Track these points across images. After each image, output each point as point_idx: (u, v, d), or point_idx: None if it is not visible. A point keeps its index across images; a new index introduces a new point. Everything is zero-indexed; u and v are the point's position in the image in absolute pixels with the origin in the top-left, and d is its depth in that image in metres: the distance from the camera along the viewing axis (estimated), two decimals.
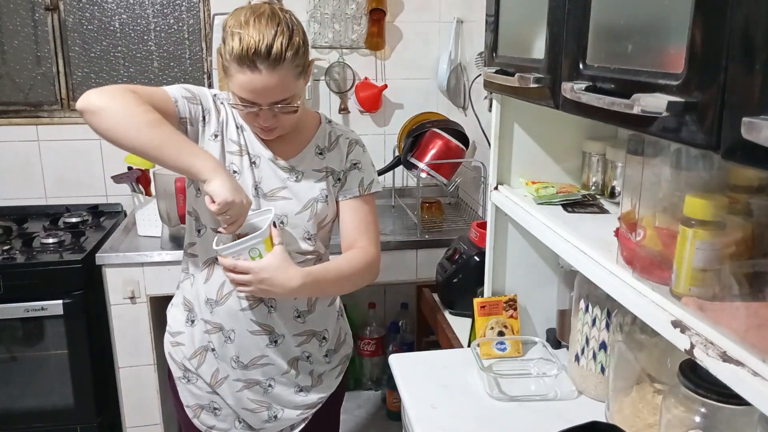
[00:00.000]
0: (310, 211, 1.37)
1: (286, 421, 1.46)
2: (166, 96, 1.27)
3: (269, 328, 1.38)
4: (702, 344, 0.73)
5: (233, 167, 1.33)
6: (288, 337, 1.40)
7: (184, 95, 1.29)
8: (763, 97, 0.56)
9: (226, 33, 1.21)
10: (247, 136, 1.35)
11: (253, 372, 1.40)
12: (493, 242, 1.50)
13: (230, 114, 1.35)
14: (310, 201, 1.37)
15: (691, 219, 0.77)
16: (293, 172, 1.37)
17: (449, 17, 2.72)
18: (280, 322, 1.38)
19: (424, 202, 2.51)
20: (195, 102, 1.30)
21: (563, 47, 0.98)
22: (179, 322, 1.47)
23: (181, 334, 1.46)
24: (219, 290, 1.36)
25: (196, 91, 1.32)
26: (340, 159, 1.41)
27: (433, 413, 1.28)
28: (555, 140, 1.44)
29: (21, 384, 2.22)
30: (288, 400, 1.44)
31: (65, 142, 2.64)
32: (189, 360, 1.44)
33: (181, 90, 1.30)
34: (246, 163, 1.34)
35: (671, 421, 0.96)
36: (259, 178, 1.35)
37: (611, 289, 0.95)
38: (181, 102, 1.28)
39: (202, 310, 1.40)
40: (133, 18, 2.62)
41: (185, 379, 1.46)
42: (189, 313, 1.44)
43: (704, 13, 0.63)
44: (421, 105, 2.83)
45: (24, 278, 2.12)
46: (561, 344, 1.53)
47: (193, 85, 1.34)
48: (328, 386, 1.50)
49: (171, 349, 1.49)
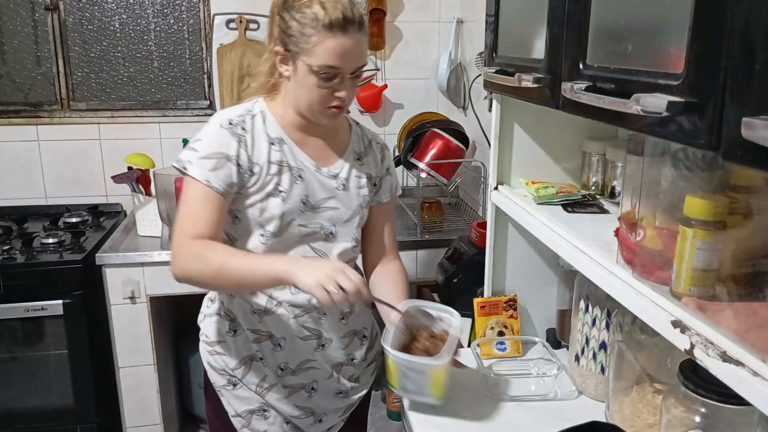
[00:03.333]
0: (359, 218, 1.37)
1: (329, 423, 1.45)
2: (202, 193, 1.21)
3: (318, 333, 1.36)
4: (702, 344, 0.73)
5: (279, 188, 1.27)
6: (335, 340, 1.38)
7: (210, 169, 1.21)
8: (763, 97, 0.56)
9: (298, 5, 1.18)
10: (287, 148, 1.29)
11: (299, 377, 1.38)
12: (493, 242, 1.50)
13: (260, 130, 1.28)
14: (357, 208, 1.36)
15: (691, 219, 0.77)
16: (338, 180, 1.34)
17: (449, 17, 2.72)
18: (328, 325, 1.37)
19: (424, 202, 2.51)
20: (221, 166, 1.22)
21: (563, 47, 0.98)
22: (219, 332, 1.39)
23: (222, 343, 1.39)
24: (269, 300, 1.33)
25: (215, 150, 1.23)
26: (376, 164, 1.41)
27: (433, 413, 1.28)
28: (555, 140, 1.44)
29: (21, 384, 2.21)
30: (328, 406, 1.43)
31: (65, 142, 2.64)
32: (233, 369, 1.38)
33: (204, 165, 1.22)
34: (290, 179, 1.28)
35: (671, 421, 0.96)
36: (306, 191, 1.30)
37: (611, 289, 0.95)
38: (215, 181, 1.21)
39: (248, 319, 1.35)
40: (133, 18, 2.62)
41: (231, 385, 1.40)
42: (231, 323, 1.38)
43: (704, 13, 0.63)
44: (421, 105, 2.83)
45: (24, 278, 2.12)
46: (561, 344, 1.53)
47: (206, 142, 1.24)
48: (365, 384, 1.50)
49: (210, 358, 1.42)
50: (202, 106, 2.72)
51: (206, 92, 2.72)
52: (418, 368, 1.17)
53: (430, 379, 1.16)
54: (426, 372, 1.16)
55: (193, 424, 2.67)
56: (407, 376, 1.17)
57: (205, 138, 1.25)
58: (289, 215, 1.28)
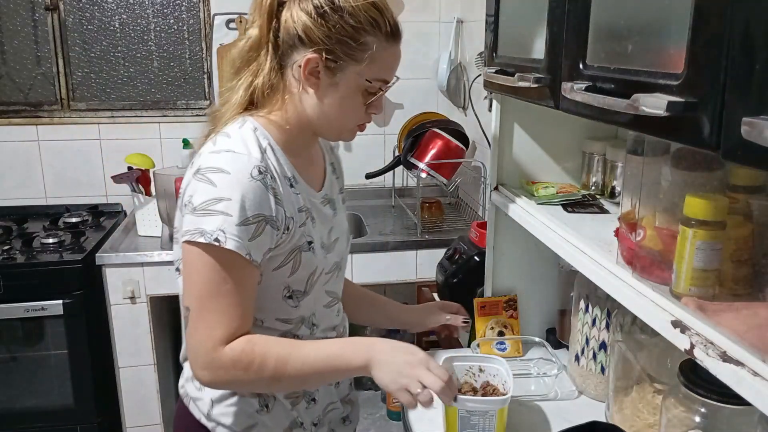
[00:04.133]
0: (349, 244, 1.22)
1: None
2: (240, 272, 0.96)
3: None
4: (702, 344, 0.73)
5: (308, 239, 1.06)
6: None
7: (251, 239, 0.95)
8: (763, 97, 0.55)
9: (346, 5, 0.97)
10: (300, 187, 1.07)
11: (324, 424, 1.21)
12: (493, 242, 1.50)
13: (277, 170, 1.02)
14: (347, 232, 1.20)
15: (691, 219, 0.77)
16: (331, 204, 1.15)
17: (449, 17, 2.72)
18: None
19: (424, 202, 2.51)
20: (261, 231, 0.96)
21: (563, 47, 0.98)
22: (247, 414, 1.10)
23: (254, 426, 1.11)
24: None
25: (254, 212, 0.95)
26: (341, 171, 1.28)
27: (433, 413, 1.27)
28: (555, 140, 1.44)
29: (21, 384, 2.21)
30: None
31: (65, 142, 2.64)
32: None
33: (243, 234, 0.94)
34: (310, 225, 1.07)
35: (671, 421, 0.96)
36: (320, 232, 1.10)
37: (611, 289, 0.95)
38: (256, 254, 0.97)
39: None
40: (133, 18, 2.62)
41: None
42: (260, 399, 1.11)
43: (704, 13, 0.63)
44: (421, 105, 2.83)
45: (24, 278, 2.12)
46: (561, 344, 1.53)
47: (240, 202, 0.94)
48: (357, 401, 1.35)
49: None
50: (202, 106, 2.72)
51: (206, 92, 2.72)
52: (484, 410, 1.11)
53: (496, 421, 1.12)
54: (492, 412, 1.12)
55: None
56: (470, 422, 1.12)
57: (236, 196, 0.94)
58: (320, 267, 1.08)
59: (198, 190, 0.96)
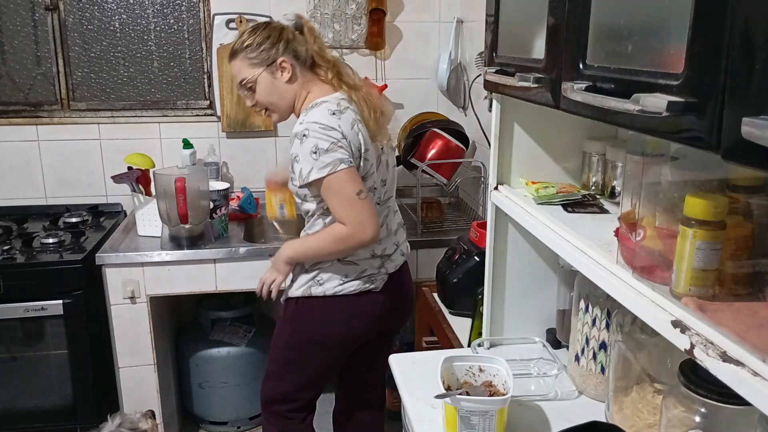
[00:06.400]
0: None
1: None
2: (353, 176, 1.57)
3: None
4: (702, 344, 0.73)
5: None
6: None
7: (351, 154, 1.57)
8: (763, 97, 0.56)
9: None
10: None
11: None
12: (493, 242, 1.50)
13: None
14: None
15: (691, 219, 0.77)
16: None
17: (449, 17, 2.72)
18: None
19: (424, 202, 2.51)
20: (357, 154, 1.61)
21: (563, 47, 0.98)
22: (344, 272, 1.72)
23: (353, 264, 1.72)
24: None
25: (351, 143, 1.59)
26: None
27: (433, 413, 1.28)
28: (555, 140, 1.44)
29: (21, 384, 2.22)
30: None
31: (65, 142, 2.64)
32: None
33: (349, 153, 1.56)
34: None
35: (671, 421, 0.96)
36: None
37: (611, 289, 0.95)
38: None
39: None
40: (133, 18, 2.62)
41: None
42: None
43: (704, 13, 0.63)
44: (421, 105, 2.83)
45: (24, 278, 2.12)
46: (561, 344, 1.53)
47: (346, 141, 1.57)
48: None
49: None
50: (202, 106, 2.72)
51: (206, 92, 2.72)
52: (484, 410, 1.12)
53: (496, 421, 1.13)
54: (492, 412, 1.12)
55: (193, 424, 2.67)
56: (470, 422, 1.13)
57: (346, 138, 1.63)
58: None
59: None
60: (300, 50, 1.69)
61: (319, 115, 1.58)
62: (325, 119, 1.57)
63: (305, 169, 1.56)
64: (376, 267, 1.73)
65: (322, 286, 1.70)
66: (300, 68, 1.70)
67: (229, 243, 2.27)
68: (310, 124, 1.56)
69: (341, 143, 1.55)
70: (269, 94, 1.70)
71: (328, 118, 1.57)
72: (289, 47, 1.68)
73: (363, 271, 1.71)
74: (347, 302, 1.71)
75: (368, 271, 1.72)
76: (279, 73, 1.68)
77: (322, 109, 1.60)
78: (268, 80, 1.68)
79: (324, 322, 1.73)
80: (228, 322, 2.57)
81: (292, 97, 1.71)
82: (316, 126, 1.56)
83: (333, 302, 1.71)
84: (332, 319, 1.73)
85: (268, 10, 2.69)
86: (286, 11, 2.69)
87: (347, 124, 1.59)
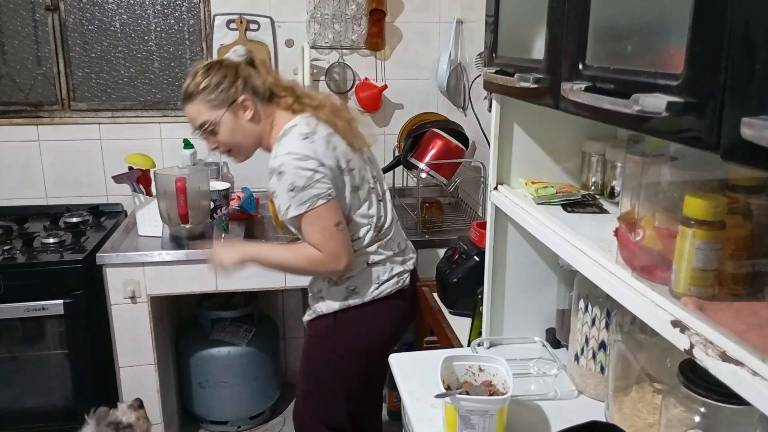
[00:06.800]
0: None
1: None
2: (333, 209, 1.56)
3: None
4: (701, 344, 0.73)
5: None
6: None
7: (330, 182, 1.55)
8: (763, 97, 0.56)
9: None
10: None
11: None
12: (493, 242, 1.50)
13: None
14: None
15: (691, 219, 0.77)
16: None
17: (449, 17, 2.72)
18: None
19: (424, 202, 2.51)
20: (332, 175, 1.57)
21: (563, 47, 0.98)
22: (376, 276, 1.73)
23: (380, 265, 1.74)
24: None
25: (330, 171, 1.56)
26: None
27: (433, 413, 1.28)
28: (555, 140, 1.44)
29: (21, 384, 2.22)
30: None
31: (66, 142, 2.65)
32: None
33: (330, 185, 1.54)
34: None
35: (671, 420, 0.96)
36: None
37: (611, 289, 0.95)
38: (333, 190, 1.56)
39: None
40: (133, 18, 2.63)
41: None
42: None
43: (704, 13, 0.64)
44: (421, 105, 2.84)
45: (24, 278, 2.12)
46: (561, 344, 1.53)
47: (316, 166, 1.53)
48: None
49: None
50: None
51: None
52: (484, 409, 1.12)
53: (496, 420, 1.13)
54: (492, 412, 1.12)
55: (194, 424, 2.67)
56: (470, 422, 1.13)
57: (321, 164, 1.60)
58: None
59: None
60: (258, 85, 1.65)
61: (292, 144, 1.55)
62: (299, 147, 1.54)
63: (283, 206, 1.55)
64: (400, 263, 1.76)
65: (359, 294, 1.69)
66: (260, 104, 1.66)
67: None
68: (285, 157, 1.53)
69: (318, 173, 1.53)
70: (233, 135, 1.65)
71: (301, 145, 1.55)
72: (248, 84, 1.63)
73: (392, 269, 1.73)
74: (387, 304, 1.72)
75: (396, 269, 1.74)
76: (241, 112, 1.63)
77: (294, 135, 1.57)
78: (231, 121, 1.63)
79: (368, 327, 1.72)
80: (228, 322, 2.57)
81: (258, 134, 1.67)
82: (291, 158, 1.53)
83: (374, 307, 1.71)
84: (376, 324, 1.73)
85: (268, 11, 2.69)
86: (286, 11, 2.70)
87: (322, 145, 1.57)
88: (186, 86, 1.64)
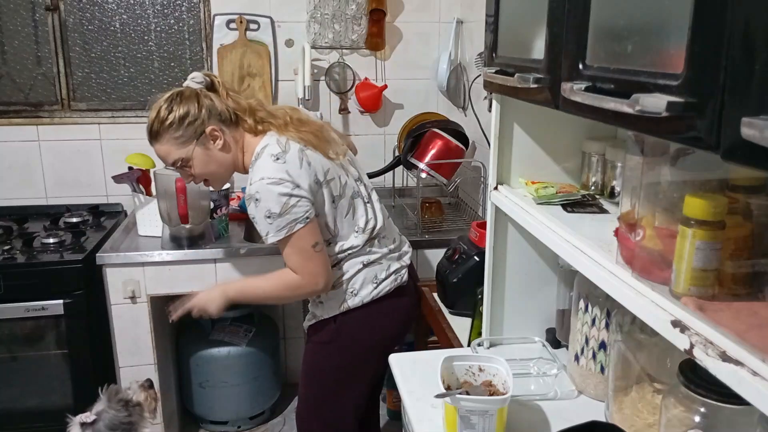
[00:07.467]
0: None
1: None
2: (310, 231, 1.56)
3: None
4: (701, 344, 0.73)
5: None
6: None
7: (307, 203, 1.54)
8: (763, 97, 0.56)
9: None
10: None
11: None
12: (493, 242, 1.50)
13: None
14: None
15: (691, 219, 0.77)
16: None
17: (449, 17, 2.72)
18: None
19: (424, 202, 2.51)
20: (312, 197, 1.56)
21: (563, 47, 0.98)
22: (371, 276, 1.73)
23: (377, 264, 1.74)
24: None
25: (307, 190, 1.55)
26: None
27: (433, 413, 1.28)
28: (555, 140, 1.44)
29: (21, 384, 2.22)
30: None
31: (66, 142, 2.65)
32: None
33: (307, 207, 1.54)
34: None
35: (671, 420, 0.96)
36: None
37: (611, 289, 0.95)
38: (312, 214, 1.56)
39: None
40: (133, 18, 2.63)
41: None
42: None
43: (704, 13, 0.64)
44: (421, 105, 2.84)
45: (24, 278, 2.12)
46: (561, 344, 1.53)
47: (295, 188, 1.52)
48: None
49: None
50: None
51: None
52: (484, 409, 1.12)
53: (496, 420, 1.13)
54: (492, 412, 1.12)
55: (194, 424, 2.67)
56: (470, 421, 1.13)
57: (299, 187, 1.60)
58: None
59: None
60: (222, 111, 1.62)
61: (266, 168, 1.54)
62: (272, 171, 1.53)
63: (263, 232, 1.56)
64: (396, 260, 1.76)
65: (358, 296, 1.70)
66: (228, 129, 1.63)
67: (230, 243, 2.27)
68: (259, 183, 1.52)
69: (293, 198, 1.52)
70: (206, 166, 1.64)
71: (273, 168, 1.53)
72: (212, 113, 1.60)
73: (389, 267, 1.73)
74: (387, 303, 1.73)
75: (393, 266, 1.74)
76: (211, 142, 1.61)
77: (265, 158, 1.56)
78: (202, 153, 1.62)
79: (371, 328, 1.73)
80: (228, 322, 2.57)
81: (231, 161, 1.66)
82: (264, 184, 1.51)
83: (374, 307, 1.71)
84: (378, 323, 1.73)
85: (268, 11, 2.69)
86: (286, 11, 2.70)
87: (295, 164, 1.55)
88: (150, 124, 1.61)
